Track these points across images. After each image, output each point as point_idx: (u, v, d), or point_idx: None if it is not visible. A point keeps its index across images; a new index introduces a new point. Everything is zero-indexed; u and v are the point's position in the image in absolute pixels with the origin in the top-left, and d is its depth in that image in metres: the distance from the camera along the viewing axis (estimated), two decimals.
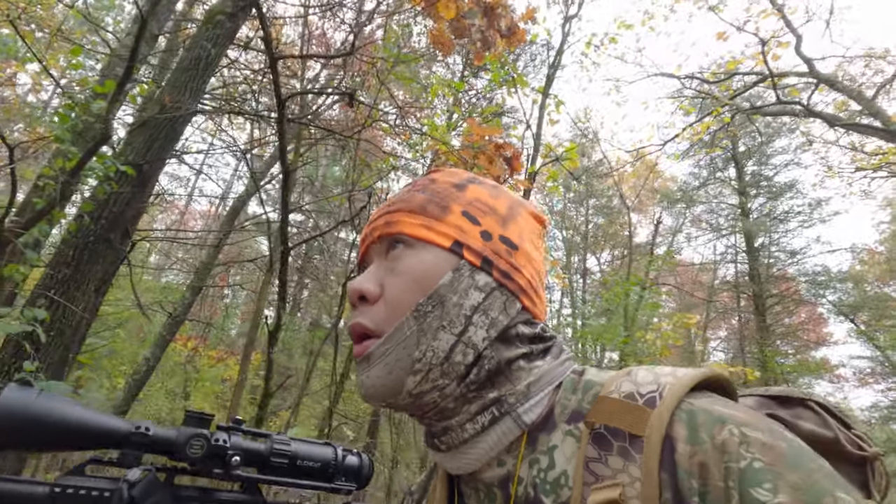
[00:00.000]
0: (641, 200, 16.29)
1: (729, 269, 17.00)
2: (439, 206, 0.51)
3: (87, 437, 0.50)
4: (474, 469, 0.48)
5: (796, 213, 14.41)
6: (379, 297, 0.49)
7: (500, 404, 0.47)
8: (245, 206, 10.35)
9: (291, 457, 0.59)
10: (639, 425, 0.39)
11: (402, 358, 0.46)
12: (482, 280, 0.48)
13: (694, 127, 9.26)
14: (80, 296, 2.99)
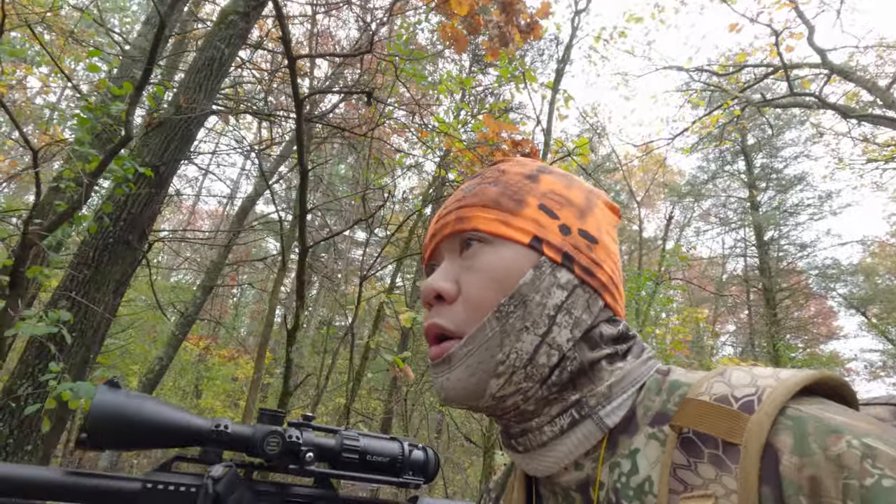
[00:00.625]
0: (649, 195, 16.20)
1: (738, 264, 16.93)
2: (514, 199, 0.49)
3: (173, 436, 0.52)
4: (552, 472, 0.46)
5: (806, 205, 14.30)
6: (456, 296, 0.47)
7: (580, 406, 0.44)
8: (254, 206, 10.39)
9: (361, 452, 0.60)
10: (734, 432, 0.35)
11: (485, 360, 0.44)
12: (564, 277, 0.46)
13: (703, 120, 9.19)
14: (100, 297, 3.01)
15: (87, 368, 3.22)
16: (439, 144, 3.55)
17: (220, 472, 0.52)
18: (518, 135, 2.92)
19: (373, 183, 3.79)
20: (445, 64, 8.82)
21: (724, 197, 15.45)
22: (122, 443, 0.51)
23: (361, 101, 2.18)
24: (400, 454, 0.63)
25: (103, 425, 0.48)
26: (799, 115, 13.15)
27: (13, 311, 2.22)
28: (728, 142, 10.88)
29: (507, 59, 5.42)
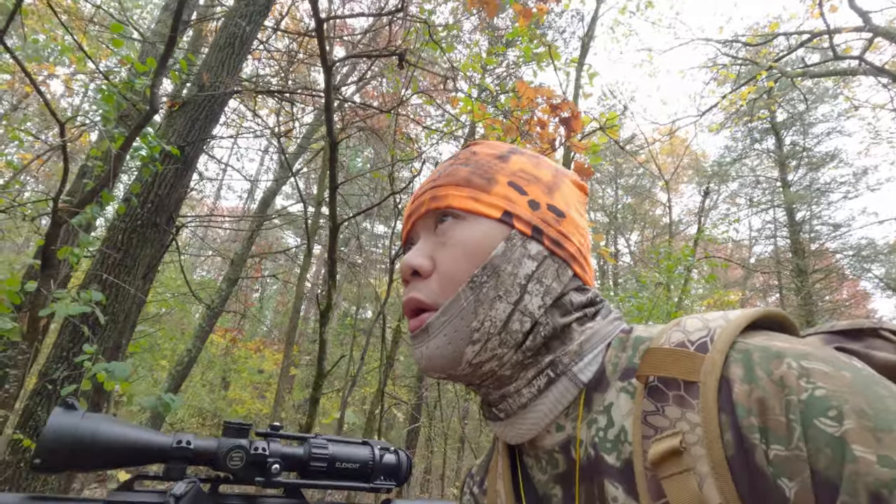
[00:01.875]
0: (675, 178, 15.76)
1: (766, 247, 16.40)
2: (485, 177, 0.51)
3: (133, 454, 0.51)
4: (533, 435, 0.48)
5: (839, 183, 13.74)
6: (432, 271, 0.49)
7: (554, 366, 0.47)
8: (275, 198, 10.39)
9: (330, 459, 0.60)
10: (693, 371, 0.39)
11: (461, 328, 0.46)
12: (534, 249, 0.49)
13: (731, 98, 8.82)
14: (130, 281, 2.96)
15: (119, 355, 3.19)
16: (469, 116, 3.40)
17: (182, 489, 0.51)
18: (555, 99, 2.76)
19: (399, 159, 3.67)
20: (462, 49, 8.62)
21: (753, 177, 14.93)
22: (80, 464, 0.49)
23: (402, 64, 2.05)
24: (370, 459, 0.63)
25: (59, 448, 0.47)
26: (832, 88, 12.60)
27: (46, 291, 2.16)
28: (761, 116, 10.45)
29: (529, 38, 5.23)
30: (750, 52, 9.01)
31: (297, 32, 4.48)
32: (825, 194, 13.94)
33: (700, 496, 0.35)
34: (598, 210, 17.14)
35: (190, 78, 3.50)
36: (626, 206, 17.34)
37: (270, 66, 5.63)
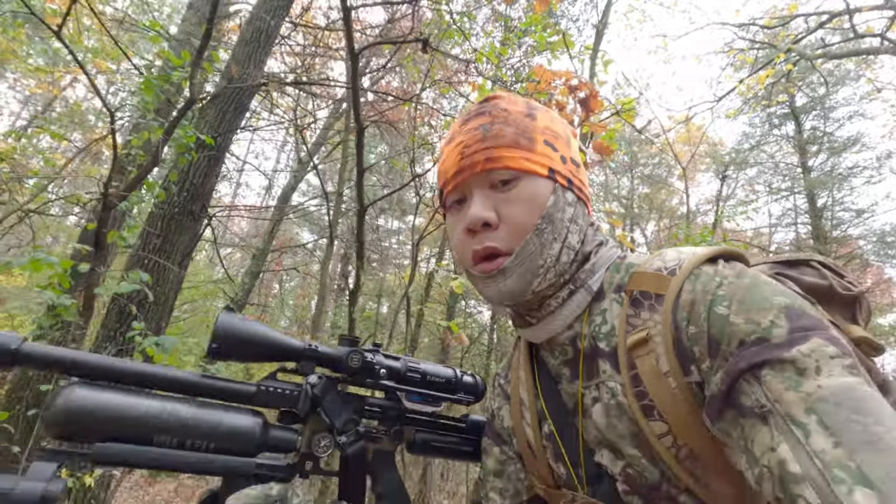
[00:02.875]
0: (692, 165, 15.58)
1: (786, 235, 16.14)
2: (527, 137, 0.61)
3: (276, 352, 0.61)
4: (554, 335, 0.62)
5: (862, 168, 13.45)
6: (500, 222, 0.59)
7: (575, 281, 0.62)
8: (293, 192, 10.58)
9: (422, 373, 0.71)
10: (662, 287, 0.54)
11: (532, 267, 0.58)
12: (570, 197, 0.62)
13: (748, 83, 8.71)
14: (165, 271, 3.12)
15: (160, 335, 3.35)
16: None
17: (316, 379, 0.63)
18: (573, 79, 2.82)
19: (419, 144, 3.76)
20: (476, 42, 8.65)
21: (772, 164, 14.70)
22: (239, 354, 0.59)
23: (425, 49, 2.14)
24: (453, 377, 0.74)
25: (228, 338, 0.57)
26: (854, 70, 12.33)
27: (98, 270, 2.31)
28: (780, 100, 10.30)
29: (543, 27, 5.26)
30: (768, 35, 8.89)
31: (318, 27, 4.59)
32: (847, 179, 13.66)
33: (656, 367, 0.52)
34: (614, 200, 17.05)
35: (204, 74, 3.63)
36: (643, 195, 17.21)
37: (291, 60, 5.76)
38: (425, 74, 3.58)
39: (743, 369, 0.44)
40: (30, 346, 0.49)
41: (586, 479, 0.59)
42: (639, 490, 0.55)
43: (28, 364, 0.49)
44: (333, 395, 0.63)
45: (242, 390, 0.59)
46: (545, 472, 0.64)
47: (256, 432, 0.56)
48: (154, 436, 0.51)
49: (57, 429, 0.48)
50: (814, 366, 0.41)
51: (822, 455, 0.36)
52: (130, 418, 0.50)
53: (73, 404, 0.48)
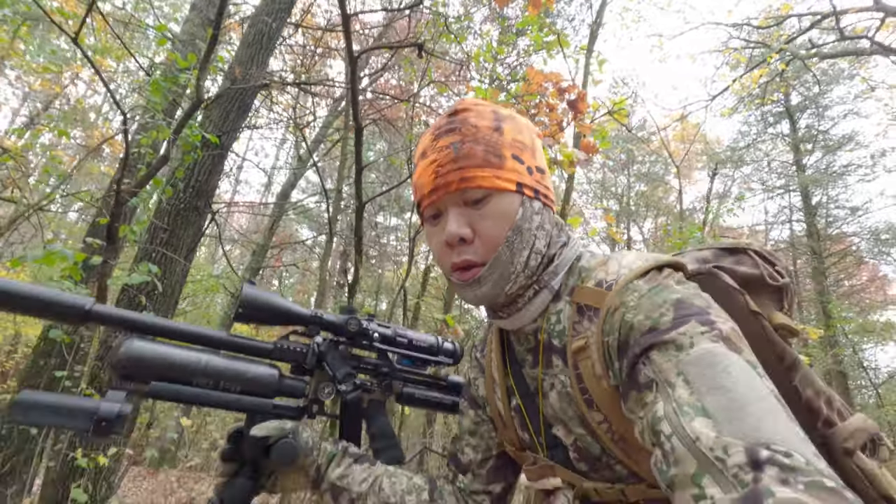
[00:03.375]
0: (687, 163, 15.71)
1: (781, 232, 16.30)
2: (496, 155, 0.66)
3: (288, 317, 0.74)
4: (520, 326, 0.71)
5: (856, 166, 13.59)
6: (474, 237, 0.66)
7: (539, 282, 0.69)
8: (293, 189, 10.70)
9: (409, 339, 0.85)
10: (599, 302, 0.62)
11: (504, 275, 0.66)
12: (537, 206, 0.68)
13: (742, 81, 8.84)
14: (173, 264, 3.25)
15: None
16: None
17: (321, 340, 0.76)
18: (563, 82, 2.95)
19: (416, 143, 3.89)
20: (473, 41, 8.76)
21: (767, 161, 14.83)
22: (259, 319, 0.72)
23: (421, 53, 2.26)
24: (435, 344, 0.88)
25: (251, 304, 0.71)
26: (848, 69, 12.45)
27: (111, 262, 2.45)
28: (772, 99, 10.43)
29: (539, 26, 5.38)
30: (762, 34, 9.02)
31: (319, 28, 4.71)
32: (842, 177, 13.80)
33: (593, 370, 0.61)
34: (612, 198, 17.20)
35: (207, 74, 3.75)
36: (639, 193, 17.35)
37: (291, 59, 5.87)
38: (422, 75, 3.71)
39: (637, 354, 0.53)
40: (98, 307, 0.62)
41: (546, 446, 0.71)
42: (585, 458, 0.67)
43: (96, 321, 0.63)
44: (335, 353, 0.77)
45: (262, 347, 0.72)
46: (513, 436, 0.76)
47: (274, 380, 0.70)
48: (194, 379, 0.65)
49: (120, 370, 0.62)
50: (688, 342, 0.50)
51: (679, 399, 0.46)
52: (176, 364, 0.64)
53: (132, 352, 0.62)
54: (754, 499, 0.36)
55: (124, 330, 0.65)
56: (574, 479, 0.68)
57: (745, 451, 0.39)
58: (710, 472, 0.40)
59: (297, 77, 5.36)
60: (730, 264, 0.70)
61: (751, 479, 0.37)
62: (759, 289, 0.69)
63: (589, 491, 0.66)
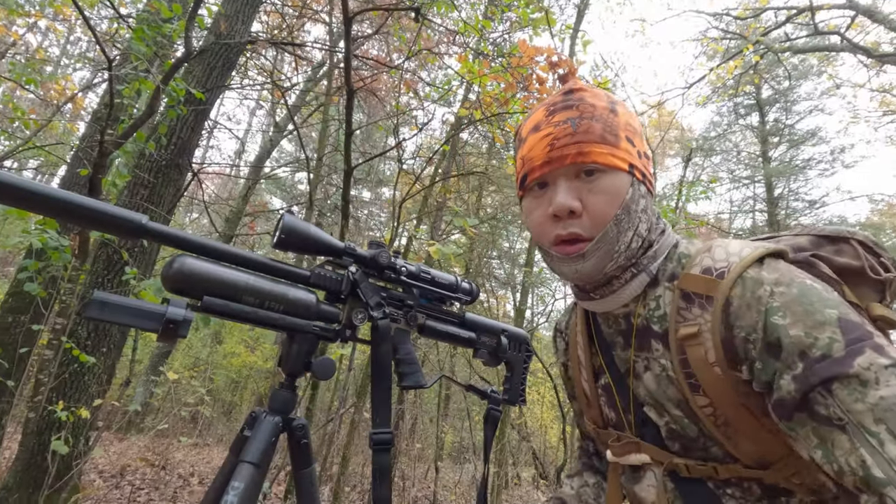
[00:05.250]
0: (661, 149, 16.06)
1: (745, 222, 17.00)
2: (613, 134, 0.68)
3: (323, 248, 0.78)
4: (611, 308, 0.73)
5: (817, 161, 14.24)
6: (582, 211, 0.67)
7: (638, 265, 0.70)
8: (269, 156, 10.44)
9: (432, 276, 0.91)
10: (712, 290, 0.62)
11: (608, 252, 0.67)
12: (643, 189, 0.70)
13: (718, 72, 9.07)
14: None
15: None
16: (468, 77, 3.61)
17: (355, 269, 0.80)
18: (555, 56, 2.99)
19: (405, 113, 3.87)
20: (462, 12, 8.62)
21: (736, 152, 15.33)
22: (297, 247, 0.76)
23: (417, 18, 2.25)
24: (455, 282, 0.93)
25: (291, 232, 0.74)
26: (817, 65, 12.90)
27: None
28: (744, 87, 10.74)
29: (526, 2, 5.37)
30: (739, 26, 9.23)
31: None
32: (803, 171, 14.44)
33: (705, 357, 0.62)
34: None
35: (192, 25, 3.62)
36: None
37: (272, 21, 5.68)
38: (412, 42, 3.68)
39: (815, 384, 0.52)
40: (153, 224, 0.65)
41: (634, 424, 0.73)
42: (678, 438, 0.67)
43: (151, 237, 0.66)
44: (367, 283, 0.81)
45: (301, 273, 0.77)
46: (596, 415, 0.79)
47: (313, 303, 0.75)
48: (242, 296, 0.69)
49: (172, 283, 0.65)
50: (873, 377, 0.49)
51: (890, 455, 0.47)
52: (226, 282, 0.68)
53: (184, 268, 0.66)
54: None
55: (176, 248, 0.68)
56: (662, 456, 0.69)
57: None
58: None
59: (280, 37, 5.20)
60: (829, 253, 0.69)
61: None
62: (859, 280, 0.67)
63: (679, 467, 0.68)
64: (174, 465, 5.96)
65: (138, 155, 3.17)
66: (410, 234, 4.37)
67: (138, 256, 3.04)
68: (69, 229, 2.37)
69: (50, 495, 2.48)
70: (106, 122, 2.33)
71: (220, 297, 0.68)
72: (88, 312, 0.56)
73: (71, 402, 2.74)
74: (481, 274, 7.64)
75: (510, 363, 1.00)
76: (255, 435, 0.69)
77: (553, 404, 8.34)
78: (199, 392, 4.80)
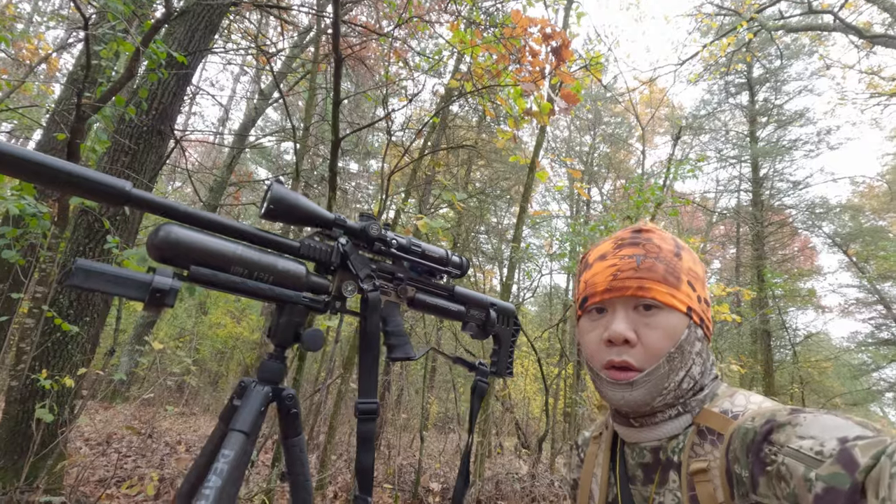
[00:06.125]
0: (651, 127, 16.04)
1: (731, 201, 17.22)
2: (675, 276, 0.72)
3: (313, 218, 0.77)
4: (646, 440, 0.73)
5: (803, 142, 14.37)
6: (637, 342, 0.70)
7: (685, 405, 0.71)
8: (253, 125, 10.19)
9: (423, 249, 0.90)
10: (724, 428, 0.65)
11: (657, 387, 0.69)
12: (700, 333, 0.72)
13: (711, 49, 9.00)
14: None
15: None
16: (459, 47, 3.53)
17: (345, 240, 0.79)
18: (549, 27, 2.93)
19: (395, 83, 3.79)
20: None
21: (725, 131, 15.39)
22: (286, 217, 0.75)
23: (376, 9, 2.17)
24: (445, 256, 0.93)
25: (280, 202, 0.73)
26: (809, 45, 12.87)
27: None
28: (736, 65, 10.70)
29: None
30: (735, 1, 9.12)
31: None
32: (789, 151, 14.58)
33: (714, 494, 0.62)
34: (576, 157, 17.42)
35: None
36: (603, 154, 17.67)
37: None
38: (402, 9, 3.56)
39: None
40: (137, 191, 0.63)
41: None
42: None
43: (136, 205, 0.64)
44: (357, 255, 0.81)
45: (290, 244, 0.75)
46: None
47: (302, 274, 0.74)
48: (231, 266, 0.68)
49: (158, 252, 0.64)
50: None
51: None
52: (214, 252, 0.67)
53: (171, 236, 0.64)
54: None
55: (161, 215, 0.66)
56: None
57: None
58: None
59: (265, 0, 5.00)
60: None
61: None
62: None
63: None
64: (161, 433, 6.00)
65: (118, 120, 3.06)
66: (399, 208, 4.34)
67: (120, 225, 2.98)
68: (47, 195, 2.31)
69: (35, 462, 2.49)
70: (83, 84, 2.24)
71: (207, 266, 0.66)
72: (73, 280, 0.55)
73: (54, 371, 2.72)
74: (469, 248, 7.66)
75: (498, 336, 1.01)
76: (245, 404, 0.70)
77: (536, 377, 8.52)
78: (184, 362, 4.80)
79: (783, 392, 13.01)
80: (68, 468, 3.09)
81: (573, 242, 5.78)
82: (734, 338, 13.70)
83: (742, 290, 8.28)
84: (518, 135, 4.25)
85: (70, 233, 2.96)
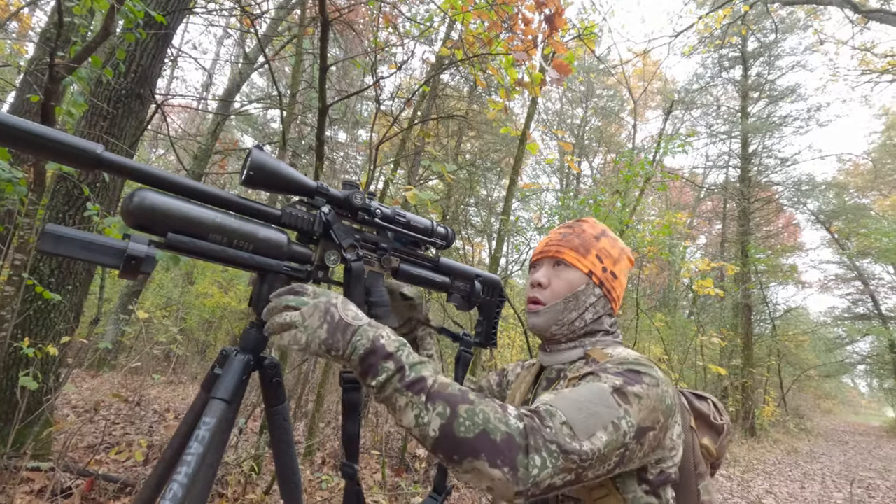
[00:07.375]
0: (644, 99, 15.91)
1: (719, 177, 17.30)
2: (585, 248, 0.97)
3: (295, 186, 0.76)
4: (552, 364, 0.96)
5: (794, 118, 14.38)
6: (547, 286, 0.96)
7: (580, 342, 0.95)
8: (239, 91, 9.89)
9: (407, 219, 0.89)
10: (601, 360, 0.84)
11: (554, 318, 0.94)
12: (598, 292, 0.96)
13: (706, 21, 8.86)
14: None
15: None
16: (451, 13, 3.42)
17: (328, 209, 0.79)
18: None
19: (384, 50, 3.68)
20: None
21: (717, 106, 15.32)
22: (267, 184, 0.73)
23: None
24: (430, 226, 0.94)
25: (260, 168, 0.71)
26: (804, 18, 12.73)
27: None
28: (731, 38, 10.58)
29: None
30: None
31: None
32: (779, 128, 14.60)
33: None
34: (567, 130, 17.28)
35: None
36: (594, 128, 17.53)
37: None
38: None
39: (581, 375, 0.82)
40: (109, 154, 0.61)
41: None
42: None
43: (108, 169, 0.62)
44: (340, 224, 0.80)
45: (271, 212, 0.74)
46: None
47: (284, 243, 0.73)
48: (209, 234, 0.66)
49: (133, 219, 0.62)
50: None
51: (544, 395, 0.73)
52: (192, 219, 0.65)
53: (145, 202, 0.62)
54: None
55: (134, 181, 0.64)
56: None
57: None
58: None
59: None
60: (696, 404, 1.01)
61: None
62: (707, 425, 0.98)
63: None
64: (149, 401, 6.03)
65: (95, 82, 2.95)
66: (387, 179, 4.29)
67: (100, 192, 2.90)
68: (23, 160, 2.23)
69: (21, 429, 2.49)
70: (56, 43, 2.14)
71: (185, 234, 0.65)
72: (42, 246, 0.53)
73: (37, 339, 2.70)
74: (458, 221, 7.64)
75: (483, 308, 1.02)
76: (226, 372, 0.69)
77: (523, 348, 8.66)
78: (171, 331, 4.78)
79: (760, 364, 13.42)
80: (56, 435, 3.10)
81: (562, 216, 5.79)
82: (716, 311, 14.00)
83: (726, 265, 8.43)
84: (509, 106, 4.18)
85: (48, 199, 2.88)
